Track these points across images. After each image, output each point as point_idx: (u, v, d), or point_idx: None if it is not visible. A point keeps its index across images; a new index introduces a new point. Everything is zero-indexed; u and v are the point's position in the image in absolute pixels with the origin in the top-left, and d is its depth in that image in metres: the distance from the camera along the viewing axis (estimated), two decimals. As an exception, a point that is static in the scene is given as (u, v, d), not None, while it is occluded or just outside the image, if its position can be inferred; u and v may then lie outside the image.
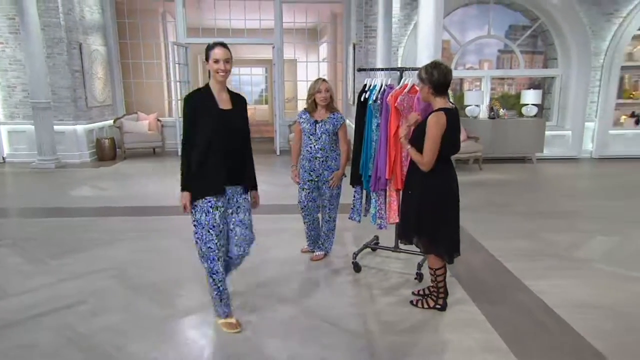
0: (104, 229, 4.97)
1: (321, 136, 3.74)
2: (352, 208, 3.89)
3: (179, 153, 2.68)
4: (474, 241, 4.53)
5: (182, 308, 3.22)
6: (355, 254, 3.89)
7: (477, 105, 9.11)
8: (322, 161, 3.79)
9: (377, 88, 3.60)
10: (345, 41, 10.43)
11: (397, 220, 3.54)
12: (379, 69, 4.97)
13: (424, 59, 5.60)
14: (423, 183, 2.96)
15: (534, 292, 3.43)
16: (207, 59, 2.69)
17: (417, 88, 3.15)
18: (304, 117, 3.84)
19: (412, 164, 3.02)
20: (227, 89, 2.81)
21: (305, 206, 3.95)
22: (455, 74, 10.17)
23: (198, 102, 2.70)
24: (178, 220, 5.34)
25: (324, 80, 3.76)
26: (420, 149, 2.89)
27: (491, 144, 8.70)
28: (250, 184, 2.94)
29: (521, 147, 9.01)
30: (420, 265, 3.66)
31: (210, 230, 2.71)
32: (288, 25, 10.45)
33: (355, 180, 3.80)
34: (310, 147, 3.79)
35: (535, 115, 9.03)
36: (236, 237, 2.85)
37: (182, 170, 2.73)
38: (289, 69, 13.22)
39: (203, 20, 11.26)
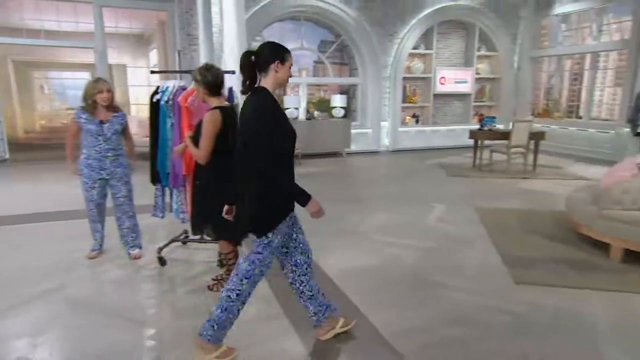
0: None
1: (111, 137, 3.49)
2: (154, 206, 3.72)
3: (269, 174, 2.17)
4: (280, 226, 4.71)
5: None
6: (160, 249, 3.72)
7: (295, 108, 9.56)
8: (113, 160, 3.55)
9: (170, 89, 3.50)
10: (172, 48, 9.96)
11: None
12: (171, 71, 4.94)
13: (230, 64, 5.69)
14: (208, 174, 2.96)
15: (321, 266, 3.69)
16: (281, 61, 2.17)
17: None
18: (84, 117, 3.46)
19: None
20: None
21: (98, 204, 3.67)
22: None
23: (277, 110, 2.20)
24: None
25: (104, 80, 3.50)
26: None
27: (308, 142, 9.21)
28: None
29: (333, 144, 9.75)
30: (221, 253, 3.67)
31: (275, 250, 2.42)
32: (111, 30, 9.57)
33: (155, 178, 3.64)
34: (99, 147, 3.49)
35: (343, 116, 9.85)
36: (301, 245, 2.53)
37: (285, 183, 2.20)
38: (119, 74, 12.13)
39: (8, 19, 9.60)
